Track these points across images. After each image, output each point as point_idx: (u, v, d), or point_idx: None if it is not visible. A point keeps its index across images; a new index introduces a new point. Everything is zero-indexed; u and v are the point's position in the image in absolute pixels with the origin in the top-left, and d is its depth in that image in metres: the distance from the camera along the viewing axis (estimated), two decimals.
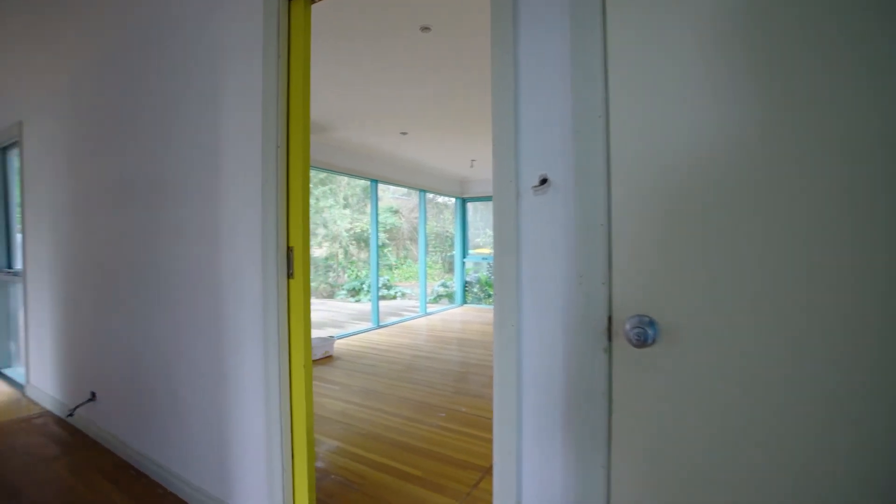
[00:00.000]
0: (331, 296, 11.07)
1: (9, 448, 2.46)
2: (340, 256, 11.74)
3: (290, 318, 1.63)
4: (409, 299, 10.42)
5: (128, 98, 2.29)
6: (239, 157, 1.72)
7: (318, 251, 11.25)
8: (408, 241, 12.85)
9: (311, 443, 1.66)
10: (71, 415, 2.64)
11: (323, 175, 11.01)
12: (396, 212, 12.51)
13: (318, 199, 11.11)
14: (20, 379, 3.55)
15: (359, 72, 3.23)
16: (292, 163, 1.62)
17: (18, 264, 3.68)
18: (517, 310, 1.08)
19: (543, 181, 1.04)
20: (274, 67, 1.59)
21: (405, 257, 12.68)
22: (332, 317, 7.90)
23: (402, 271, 12.25)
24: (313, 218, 10.69)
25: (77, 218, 2.74)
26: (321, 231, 11.31)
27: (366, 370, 4.14)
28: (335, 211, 11.67)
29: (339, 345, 5.14)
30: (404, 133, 5.04)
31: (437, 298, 10.09)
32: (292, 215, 1.62)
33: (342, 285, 11.12)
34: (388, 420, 2.93)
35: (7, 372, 3.80)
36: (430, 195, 9.10)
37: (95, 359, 2.58)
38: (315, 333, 5.58)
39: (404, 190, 7.44)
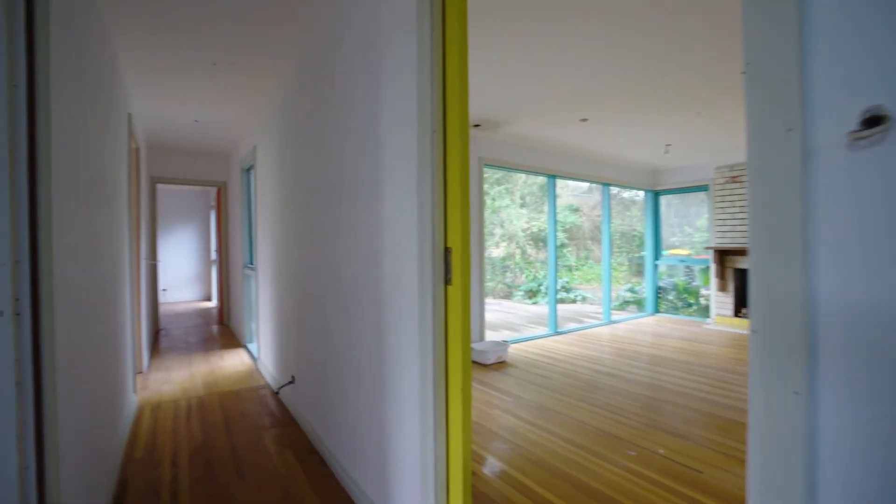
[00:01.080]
0: (507, 296, 11.04)
1: (240, 414, 2.96)
2: (518, 257, 11.62)
3: (448, 333, 1.41)
4: (591, 304, 9.58)
5: (314, 106, 2.47)
6: (396, 146, 1.59)
7: (495, 251, 11.37)
8: (589, 241, 11.92)
9: (467, 472, 1.40)
10: (277, 393, 3.04)
11: (499, 175, 11.05)
12: (576, 210, 11.74)
13: (493, 199, 11.21)
14: (255, 353, 4.39)
15: (530, 57, 2.89)
16: (450, 151, 1.39)
17: (254, 261, 4.56)
18: (805, 360, 0.58)
19: (874, 120, 0.52)
20: (428, 42, 1.39)
21: (586, 258, 11.79)
22: (508, 319, 7.77)
23: (583, 273, 11.41)
24: (489, 218, 10.81)
25: (281, 222, 3.15)
26: (497, 231, 11.39)
27: (540, 382, 3.79)
28: (511, 210, 11.60)
29: (513, 350, 4.91)
30: (584, 120, 4.49)
31: (624, 305, 9.00)
32: (450, 210, 1.39)
33: (519, 286, 10.97)
34: (563, 448, 2.52)
35: (250, 347, 4.75)
36: (615, 190, 8.13)
37: (296, 345, 2.91)
38: (489, 336, 5.47)
39: (584, 187, 6.81)
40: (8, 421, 1.03)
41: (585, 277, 11.24)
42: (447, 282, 1.41)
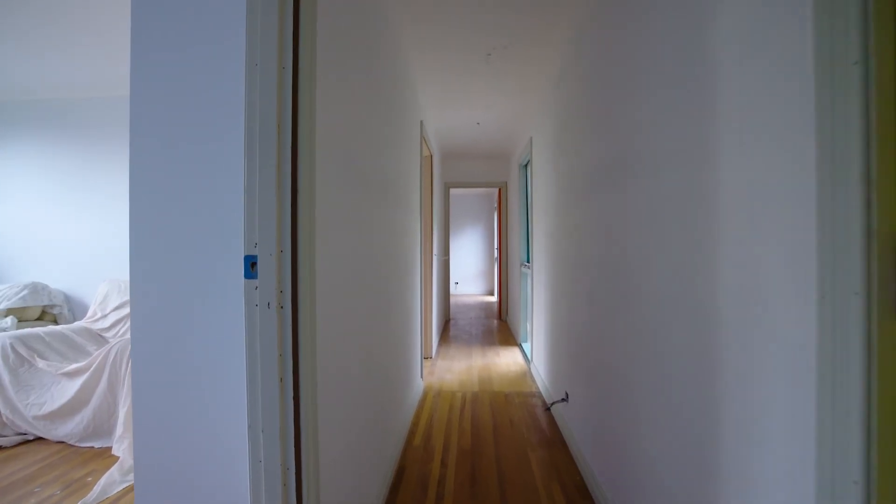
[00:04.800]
0: None
1: (509, 421, 2.78)
2: None
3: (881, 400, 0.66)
4: None
5: (594, 71, 1.97)
6: (756, 76, 0.91)
7: None
8: None
9: None
10: (549, 408, 2.71)
11: None
12: None
13: None
14: (529, 354, 4.24)
15: None
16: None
17: (530, 259, 4.42)
18: None
19: None
20: None
21: None
22: None
23: None
24: None
25: (555, 215, 2.78)
26: None
27: None
28: None
29: None
30: None
31: None
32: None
33: None
34: None
35: (524, 346, 4.68)
36: None
37: (570, 357, 2.50)
38: None
39: None
40: (272, 418, 0.99)
41: None
42: None
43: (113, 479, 2.09)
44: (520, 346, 4.80)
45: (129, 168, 1.01)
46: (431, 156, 4.35)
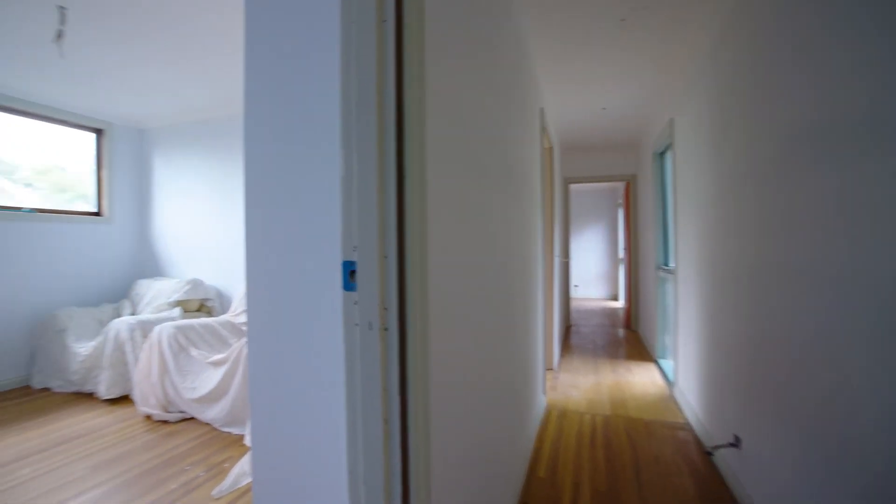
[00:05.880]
0: None
1: (653, 458, 2.30)
2: None
3: None
4: None
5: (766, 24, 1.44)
6: None
7: None
8: None
9: None
10: (710, 454, 2.15)
11: None
12: None
13: None
14: (670, 374, 3.59)
15: None
16: None
17: (672, 262, 3.76)
18: None
19: None
20: None
21: None
22: None
23: None
24: None
25: (714, 207, 2.21)
26: None
27: None
28: None
29: None
30: None
31: None
32: None
33: None
34: None
35: (662, 363, 4.01)
36: None
37: (739, 387, 1.94)
38: None
39: None
40: (375, 468, 0.78)
41: None
42: None
43: (244, 471, 2.18)
44: (656, 362, 4.13)
45: (244, 175, 0.89)
46: (551, 147, 3.96)
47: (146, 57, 2.84)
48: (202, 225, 4.09)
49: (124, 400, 3.19)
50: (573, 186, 8.62)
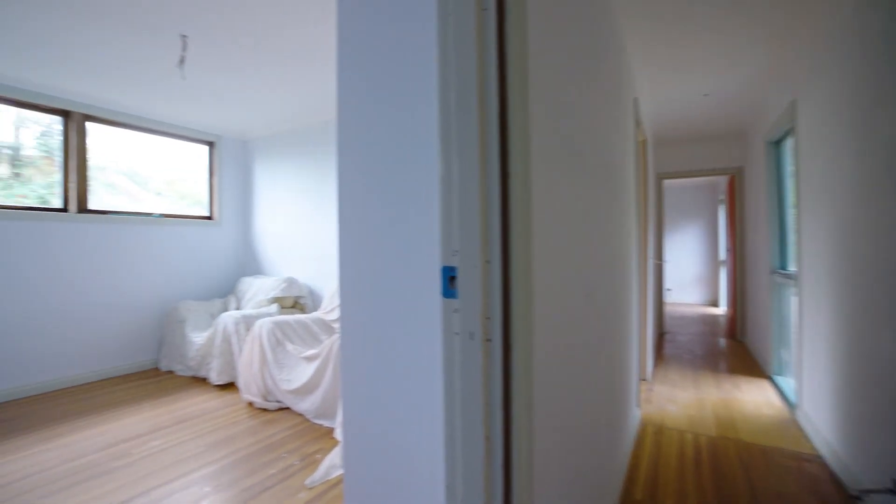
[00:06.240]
0: None
1: (775, 496, 1.99)
2: None
3: None
4: None
5: None
6: None
7: None
8: None
9: None
10: (859, 498, 1.81)
11: None
12: None
13: None
14: (790, 394, 3.13)
15: None
16: None
17: (793, 266, 3.28)
18: None
19: None
20: None
21: None
22: None
23: None
24: None
25: (855, 201, 1.85)
26: None
27: None
28: None
29: None
30: None
31: None
32: None
33: None
34: None
35: (778, 380, 3.51)
36: None
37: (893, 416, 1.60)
38: None
39: None
40: (475, 488, 0.73)
41: None
42: None
43: (334, 463, 2.26)
44: (770, 379, 3.63)
45: (337, 177, 0.90)
46: (645, 141, 3.66)
47: (251, 76, 3.09)
48: (295, 226, 4.38)
49: (231, 387, 3.51)
50: (666, 182, 7.98)
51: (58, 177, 3.61)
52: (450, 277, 0.73)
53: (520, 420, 0.75)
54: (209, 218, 4.65)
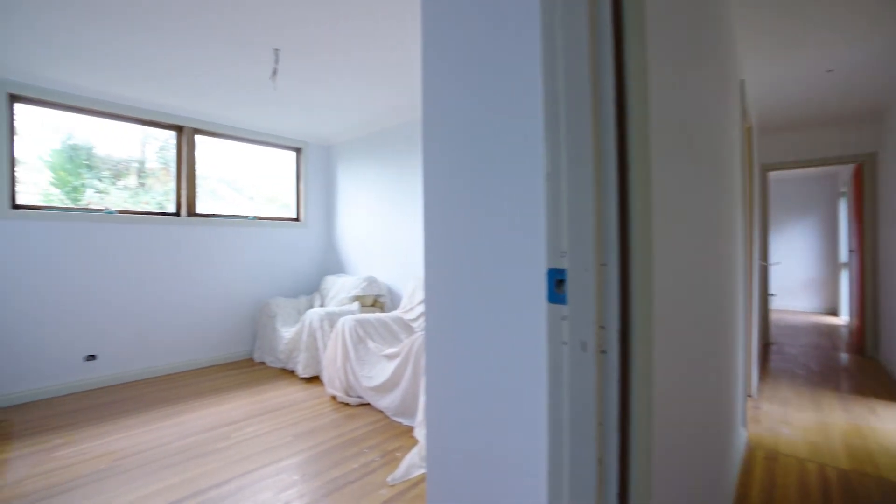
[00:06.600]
0: None
1: None
2: None
3: None
4: None
5: None
6: None
7: None
8: None
9: None
10: None
11: None
12: None
13: None
14: None
15: None
16: None
17: None
18: None
19: None
20: None
21: None
22: None
23: None
24: None
25: None
26: None
27: None
28: None
29: None
30: None
31: None
32: None
33: None
34: None
35: None
36: None
37: None
38: None
39: None
40: None
41: None
42: None
43: (414, 463, 2.27)
44: None
45: (423, 171, 0.86)
46: (751, 128, 3.26)
47: (335, 85, 3.22)
48: (374, 227, 4.53)
49: (316, 380, 3.69)
50: (771, 174, 7.14)
51: (172, 185, 4.05)
52: (557, 281, 0.66)
53: (639, 443, 0.66)
54: (296, 220, 4.96)
